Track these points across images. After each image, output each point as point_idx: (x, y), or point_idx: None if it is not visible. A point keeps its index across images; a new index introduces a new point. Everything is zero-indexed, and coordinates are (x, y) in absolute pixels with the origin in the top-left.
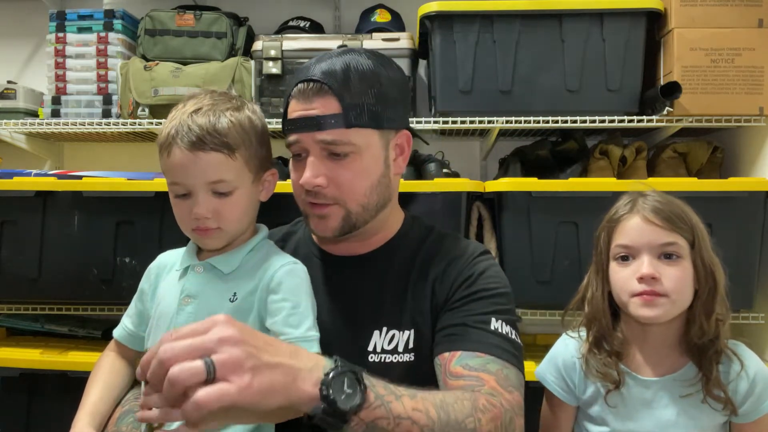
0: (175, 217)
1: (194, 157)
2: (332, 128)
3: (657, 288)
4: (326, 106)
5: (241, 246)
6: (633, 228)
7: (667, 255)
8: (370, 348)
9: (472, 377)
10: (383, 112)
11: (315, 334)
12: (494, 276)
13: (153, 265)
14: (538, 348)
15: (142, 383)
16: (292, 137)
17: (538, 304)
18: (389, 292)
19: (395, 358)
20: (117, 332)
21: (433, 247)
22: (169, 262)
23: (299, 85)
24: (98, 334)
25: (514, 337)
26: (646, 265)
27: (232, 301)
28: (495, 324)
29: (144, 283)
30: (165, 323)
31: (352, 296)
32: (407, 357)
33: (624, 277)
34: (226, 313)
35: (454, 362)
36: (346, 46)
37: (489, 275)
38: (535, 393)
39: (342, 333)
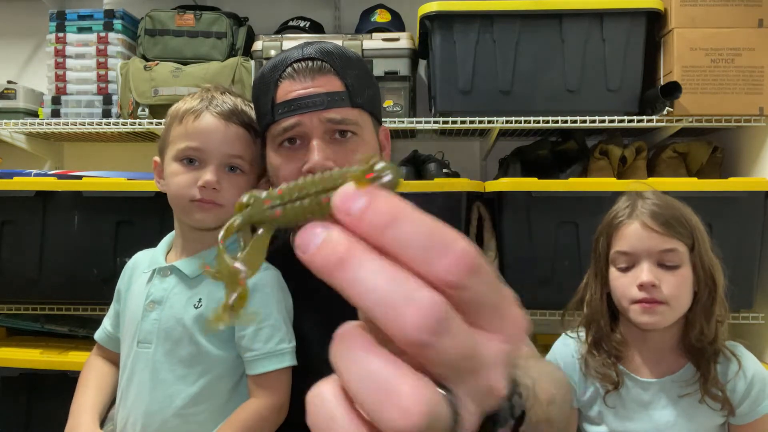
0: (172, 188)
1: (224, 126)
2: (339, 106)
3: (656, 295)
4: (330, 83)
5: (209, 248)
6: (632, 234)
7: (666, 261)
8: None
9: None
10: (374, 98)
11: (287, 346)
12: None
13: (128, 265)
14: (538, 348)
15: None
16: (291, 120)
17: (538, 304)
18: None
19: None
20: (98, 335)
21: None
22: (143, 262)
23: (294, 65)
24: None
25: None
26: (646, 273)
27: (197, 308)
28: None
29: (120, 284)
30: (132, 330)
31: (334, 305)
32: None
33: (624, 284)
34: (190, 320)
35: None
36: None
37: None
38: None
39: (324, 343)
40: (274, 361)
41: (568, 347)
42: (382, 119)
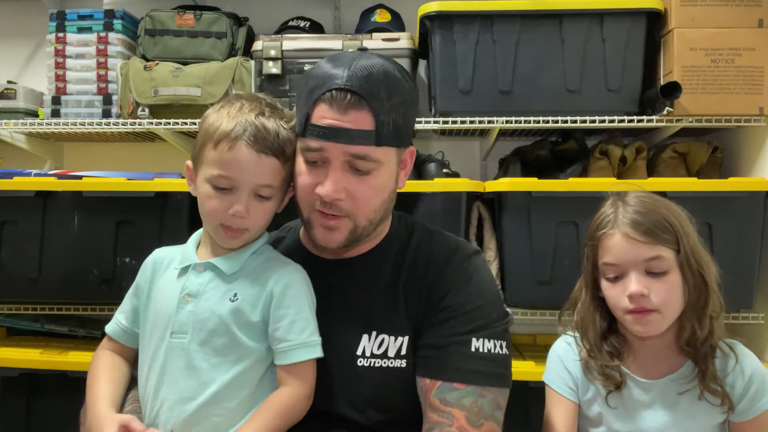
0: (204, 208)
1: (257, 158)
2: (364, 144)
3: (646, 304)
4: (361, 120)
5: (243, 249)
6: (615, 246)
7: (653, 269)
8: (359, 352)
9: (445, 413)
10: (405, 131)
11: (317, 338)
12: (478, 284)
13: (148, 261)
14: (538, 348)
15: (138, 383)
16: (316, 144)
17: (538, 304)
18: (379, 296)
19: (385, 363)
20: (110, 328)
21: (420, 248)
22: (166, 258)
23: (333, 92)
24: (98, 334)
25: (497, 350)
26: (634, 284)
27: (233, 301)
28: (476, 343)
29: (140, 279)
30: (163, 321)
31: (342, 300)
32: (399, 363)
33: (615, 295)
34: (226, 312)
35: (433, 393)
36: (365, 49)
37: (473, 285)
38: (537, 392)
39: (332, 337)
40: (307, 351)
41: (572, 346)
42: None
